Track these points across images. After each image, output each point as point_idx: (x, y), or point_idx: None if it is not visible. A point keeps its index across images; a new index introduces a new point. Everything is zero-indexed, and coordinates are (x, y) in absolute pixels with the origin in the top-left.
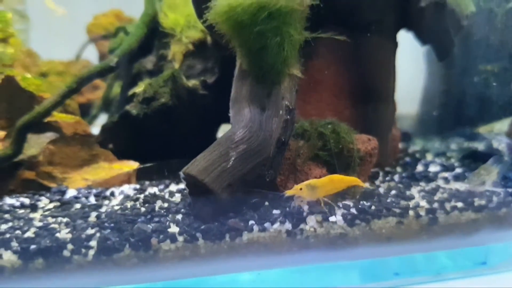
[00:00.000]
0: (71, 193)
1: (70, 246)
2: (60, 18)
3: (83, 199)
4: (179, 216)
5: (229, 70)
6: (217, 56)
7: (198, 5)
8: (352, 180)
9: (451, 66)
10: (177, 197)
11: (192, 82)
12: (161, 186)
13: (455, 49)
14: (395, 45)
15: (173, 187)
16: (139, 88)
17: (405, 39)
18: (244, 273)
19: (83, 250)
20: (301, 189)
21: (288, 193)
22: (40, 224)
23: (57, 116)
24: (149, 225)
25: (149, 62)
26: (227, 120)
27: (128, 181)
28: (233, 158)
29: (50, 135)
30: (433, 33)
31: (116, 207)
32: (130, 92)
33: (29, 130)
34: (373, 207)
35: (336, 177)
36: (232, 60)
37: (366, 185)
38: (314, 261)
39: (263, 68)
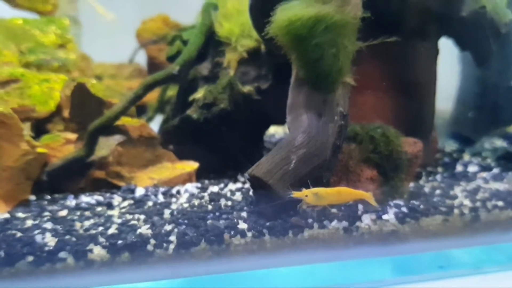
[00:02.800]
0: (139, 191)
1: (152, 241)
2: (109, 23)
3: (153, 197)
4: (244, 214)
5: (282, 77)
6: (271, 63)
7: (255, 18)
8: (360, 194)
9: (486, 69)
10: (238, 196)
11: (247, 88)
12: (221, 185)
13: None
14: (436, 51)
15: (231, 186)
16: (198, 94)
17: (440, 42)
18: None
19: (164, 245)
20: (306, 195)
21: (294, 194)
22: (120, 220)
23: (124, 120)
24: (220, 221)
25: (204, 68)
26: (274, 122)
27: (190, 180)
28: (294, 161)
29: (118, 138)
30: (472, 41)
31: (185, 205)
32: (191, 98)
33: (100, 133)
34: (421, 206)
35: (345, 190)
36: (285, 67)
37: (374, 202)
38: (367, 256)
39: (320, 77)
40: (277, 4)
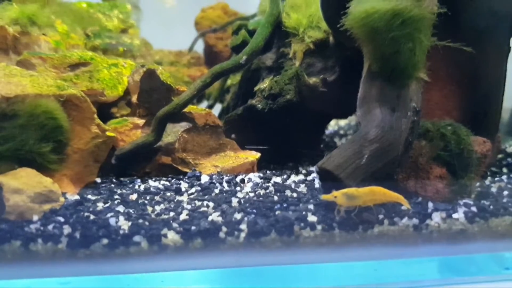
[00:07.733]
0: (204, 178)
1: (224, 229)
2: (168, 10)
3: (218, 184)
4: (311, 206)
5: (349, 69)
6: (338, 55)
7: (326, 10)
8: (395, 196)
9: None
10: (302, 188)
11: (313, 80)
12: (284, 176)
13: None
14: (508, 49)
15: (294, 178)
16: (263, 84)
17: None
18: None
19: (236, 233)
20: (335, 197)
21: (323, 197)
22: (189, 206)
23: (191, 108)
24: (290, 212)
25: (268, 59)
26: (338, 115)
27: (252, 170)
28: (366, 156)
29: (184, 125)
30: None
31: (251, 194)
32: (256, 88)
33: (169, 120)
34: (491, 206)
35: (378, 189)
36: (353, 60)
37: (408, 205)
38: (435, 254)
39: (395, 72)
40: None
